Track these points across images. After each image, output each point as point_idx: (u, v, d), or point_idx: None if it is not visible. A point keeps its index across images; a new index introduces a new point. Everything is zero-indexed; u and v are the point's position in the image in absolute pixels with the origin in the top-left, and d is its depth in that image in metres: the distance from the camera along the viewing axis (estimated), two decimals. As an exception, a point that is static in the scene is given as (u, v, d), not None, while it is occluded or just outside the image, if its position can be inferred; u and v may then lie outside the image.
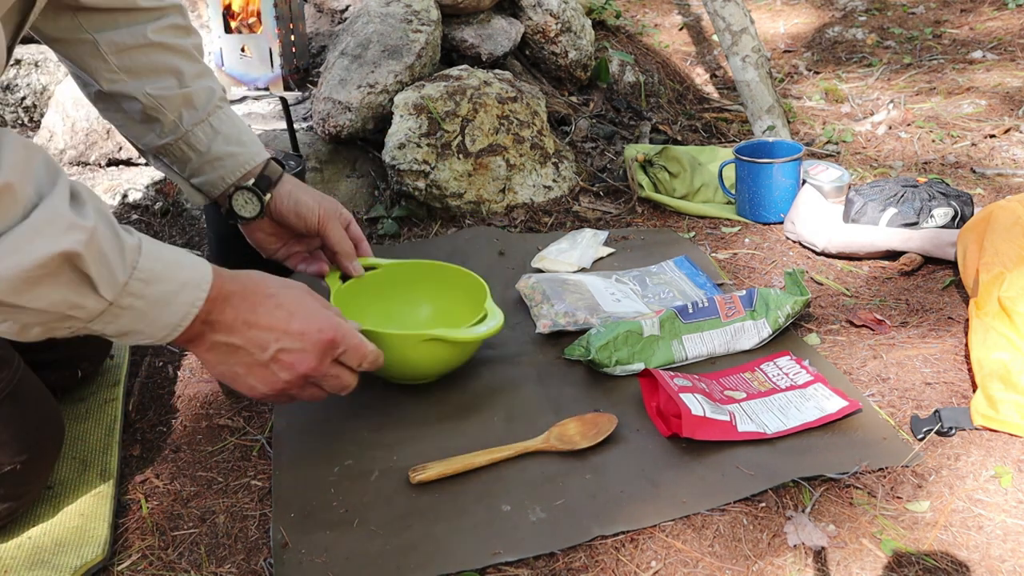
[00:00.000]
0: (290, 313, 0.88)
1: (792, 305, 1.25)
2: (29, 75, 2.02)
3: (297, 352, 0.89)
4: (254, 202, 1.12)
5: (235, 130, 1.13)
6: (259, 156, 1.13)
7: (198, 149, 1.11)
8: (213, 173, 1.12)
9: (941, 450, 1.03)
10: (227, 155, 1.11)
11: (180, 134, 1.10)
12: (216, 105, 1.12)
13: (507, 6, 2.10)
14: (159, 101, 1.08)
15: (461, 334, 1.11)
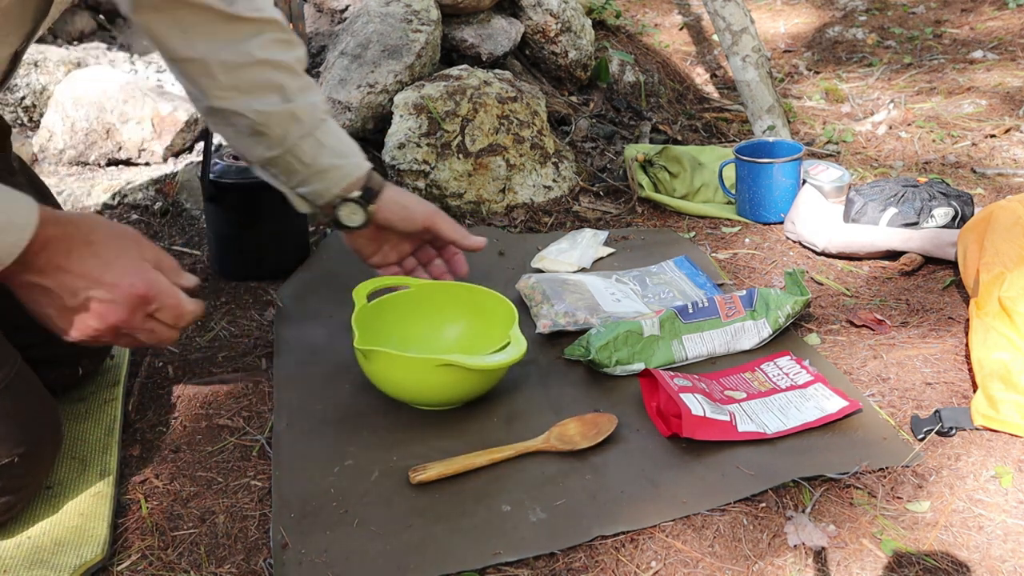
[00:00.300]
0: (105, 263, 0.87)
1: (792, 305, 1.25)
2: (28, 75, 2.02)
3: (107, 303, 0.88)
4: (360, 213, 1.19)
5: (339, 143, 1.19)
6: (361, 167, 1.19)
7: (304, 162, 1.17)
8: (319, 184, 1.19)
9: (941, 450, 1.03)
10: (332, 167, 1.18)
11: (287, 147, 1.16)
12: (320, 119, 1.17)
13: (507, 6, 2.10)
14: (266, 117, 1.14)
15: (477, 361, 1.08)
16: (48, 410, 0.99)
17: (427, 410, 1.13)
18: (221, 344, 1.31)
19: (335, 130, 1.20)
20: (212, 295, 1.45)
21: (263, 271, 1.49)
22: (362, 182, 1.19)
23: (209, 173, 1.45)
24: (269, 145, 1.17)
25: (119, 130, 1.89)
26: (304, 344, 1.29)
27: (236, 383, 1.22)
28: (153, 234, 1.67)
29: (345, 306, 1.22)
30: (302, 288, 1.44)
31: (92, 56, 2.16)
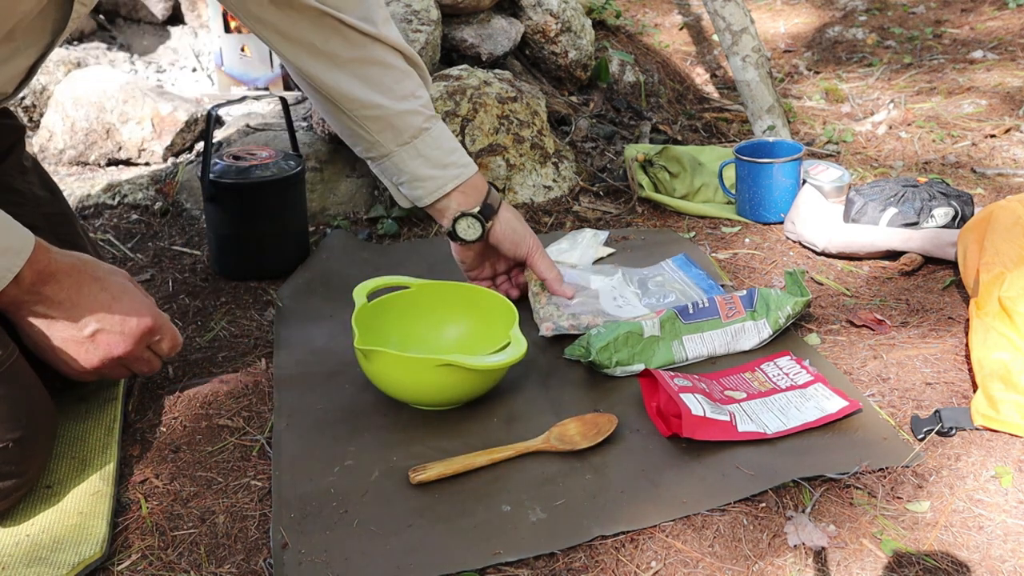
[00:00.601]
0: (113, 297, 0.93)
1: (793, 305, 1.25)
2: (29, 75, 2.01)
3: (115, 335, 0.94)
4: (476, 227, 1.24)
5: (439, 153, 1.23)
6: (460, 177, 1.23)
7: (400, 168, 1.23)
8: (417, 190, 1.25)
9: (941, 450, 1.03)
10: (428, 178, 1.23)
11: (384, 152, 1.23)
12: (422, 128, 1.22)
13: (507, 6, 2.10)
14: (363, 122, 1.20)
15: (477, 361, 1.08)
16: (43, 398, 1.00)
17: (427, 410, 1.13)
18: (221, 344, 1.31)
19: (438, 139, 1.23)
20: (212, 295, 1.45)
21: (263, 271, 1.49)
22: (478, 196, 1.24)
23: (209, 173, 1.45)
24: (367, 148, 1.24)
25: (119, 130, 1.89)
26: (304, 344, 1.29)
27: (236, 383, 1.22)
28: (153, 234, 1.67)
29: (345, 306, 1.22)
30: (302, 288, 1.44)
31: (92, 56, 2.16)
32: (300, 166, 1.50)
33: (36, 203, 1.17)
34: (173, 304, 1.43)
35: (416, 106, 1.22)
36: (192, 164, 1.83)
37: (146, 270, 1.54)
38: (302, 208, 1.54)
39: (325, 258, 1.53)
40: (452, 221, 1.24)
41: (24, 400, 0.96)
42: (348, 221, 1.70)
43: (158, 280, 1.51)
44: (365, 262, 1.52)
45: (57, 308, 0.90)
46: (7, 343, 0.96)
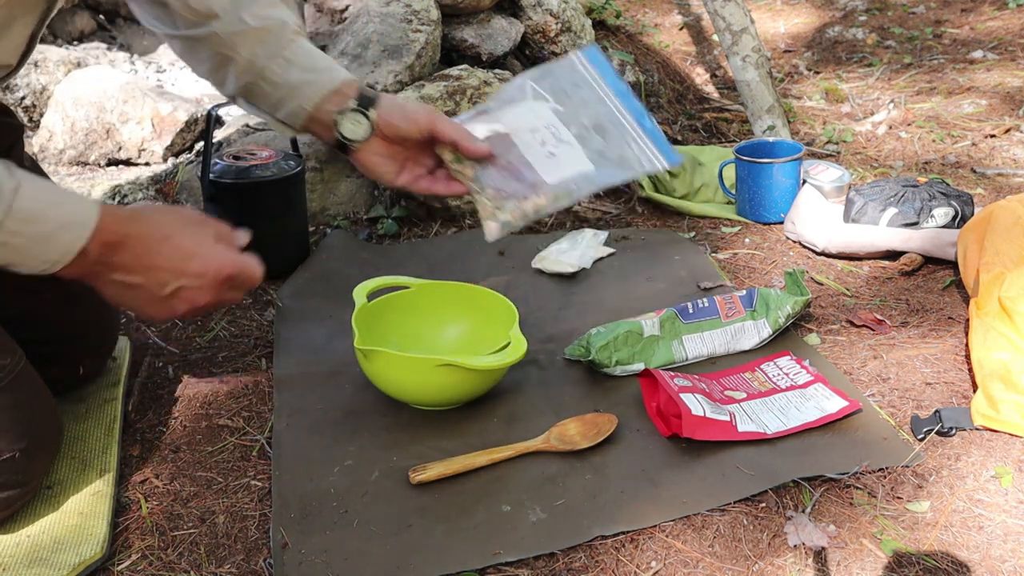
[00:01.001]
0: (189, 255, 0.91)
1: (792, 305, 1.25)
2: (29, 75, 2.02)
3: (195, 289, 0.93)
4: (362, 122, 1.10)
5: (310, 59, 1.12)
6: (335, 78, 1.11)
7: (274, 82, 1.11)
8: (292, 103, 1.12)
9: (941, 450, 1.03)
10: (303, 83, 1.11)
11: (256, 71, 1.11)
12: (289, 39, 1.11)
13: (507, 6, 2.10)
14: (233, 39, 1.09)
15: (476, 362, 1.08)
16: (48, 407, 1.00)
17: (427, 410, 1.13)
18: (221, 344, 1.31)
19: (308, 47, 1.13)
20: (212, 295, 1.45)
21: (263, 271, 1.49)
22: (353, 91, 1.11)
23: (209, 173, 1.45)
24: (239, 73, 1.11)
25: (119, 130, 1.89)
26: (304, 344, 1.29)
27: (236, 383, 1.22)
28: (153, 234, 1.67)
29: (345, 306, 1.22)
30: (302, 288, 1.44)
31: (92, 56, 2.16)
32: (300, 166, 1.50)
33: None
34: (173, 304, 1.43)
35: (281, 17, 1.12)
36: (192, 164, 1.83)
37: (146, 270, 1.54)
38: (302, 208, 1.54)
39: (325, 258, 1.53)
40: (334, 127, 1.10)
41: (29, 410, 0.96)
42: (348, 221, 1.70)
43: (158, 280, 1.51)
44: (365, 262, 1.52)
45: (133, 274, 0.90)
46: (14, 350, 0.96)
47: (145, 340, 1.33)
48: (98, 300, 1.15)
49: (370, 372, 1.11)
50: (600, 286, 1.44)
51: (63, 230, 0.85)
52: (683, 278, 1.45)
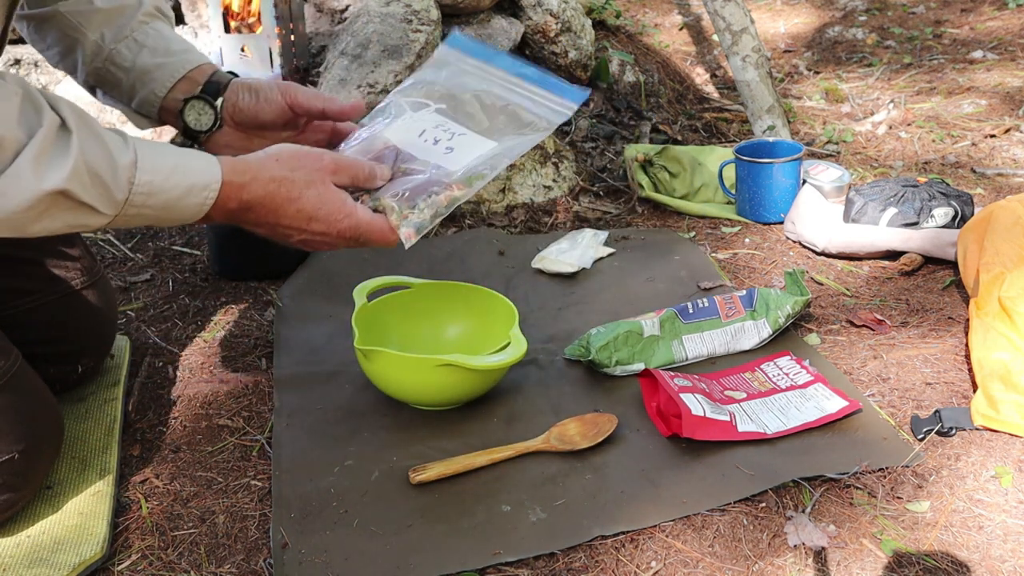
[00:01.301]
0: (310, 217, 0.91)
1: (792, 305, 1.25)
2: (29, 75, 2.02)
3: (319, 243, 0.95)
4: (207, 112, 1.04)
5: (163, 42, 1.05)
6: (191, 63, 1.04)
7: (123, 67, 1.04)
8: (144, 90, 1.05)
9: (941, 450, 1.03)
10: (154, 67, 1.04)
11: (104, 55, 1.04)
12: (141, 20, 1.05)
13: (507, 6, 2.10)
14: (78, 19, 1.03)
15: (477, 361, 1.08)
16: (48, 407, 0.99)
17: (427, 410, 1.13)
18: (221, 344, 1.31)
19: (162, 31, 1.06)
20: (212, 295, 1.45)
21: (263, 271, 1.49)
22: (203, 76, 1.04)
23: (209, 173, 1.44)
24: (85, 57, 1.04)
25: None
26: (304, 344, 1.29)
27: (236, 383, 1.22)
28: (153, 234, 1.67)
29: (345, 306, 1.22)
30: (302, 288, 1.44)
31: (92, 56, 2.16)
32: (300, 166, 1.50)
33: None
34: (173, 304, 1.43)
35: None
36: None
37: (146, 270, 1.54)
38: (302, 208, 1.53)
39: (325, 258, 1.53)
40: (180, 116, 1.04)
41: (28, 411, 0.96)
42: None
43: (158, 280, 1.51)
44: (365, 262, 1.52)
45: (259, 228, 0.92)
46: (8, 352, 0.96)
47: (145, 340, 1.33)
48: (95, 299, 1.15)
49: (370, 372, 1.11)
50: (600, 286, 1.44)
51: (188, 194, 0.85)
52: (683, 278, 1.45)
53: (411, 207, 0.95)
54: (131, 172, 0.82)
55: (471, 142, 1.00)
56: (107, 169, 0.80)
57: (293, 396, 1.17)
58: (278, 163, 0.90)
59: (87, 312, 1.14)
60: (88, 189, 0.80)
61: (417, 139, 1.01)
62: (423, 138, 1.01)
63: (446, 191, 0.95)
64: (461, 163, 0.97)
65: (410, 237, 0.95)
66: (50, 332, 1.11)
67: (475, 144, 1.00)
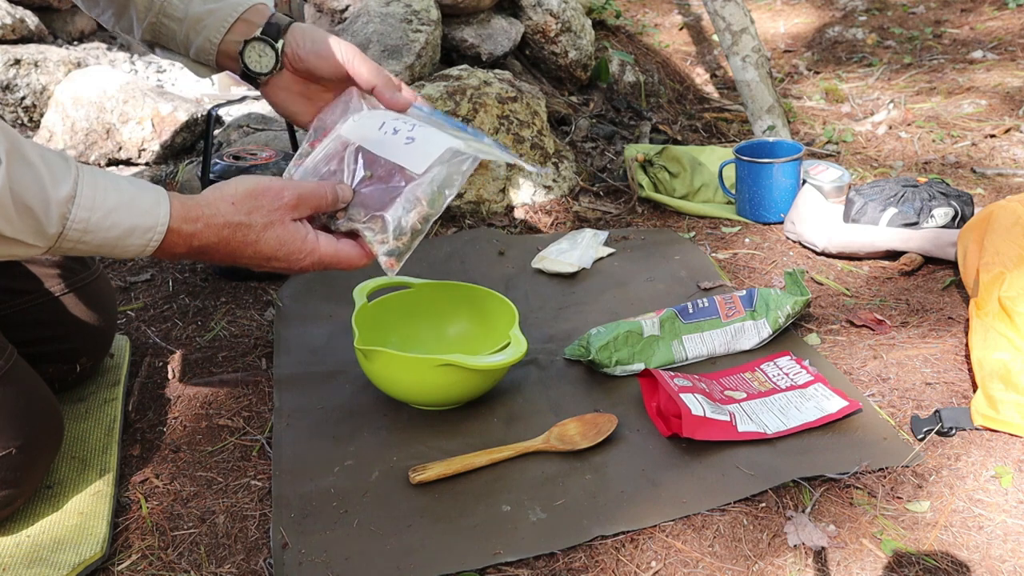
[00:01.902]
0: (269, 257, 0.90)
1: (792, 305, 1.25)
2: (29, 75, 2.02)
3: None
4: (268, 53, 1.02)
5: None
6: (244, 3, 1.02)
7: (176, 17, 1.03)
8: (199, 37, 1.03)
9: (941, 450, 1.03)
10: (206, 13, 1.02)
11: (156, 9, 1.03)
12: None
13: (507, 6, 2.10)
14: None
15: (477, 361, 1.08)
16: (46, 403, 0.99)
17: (427, 410, 1.13)
18: (221, 344, 1.31)
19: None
20: (212, 295, 1.45)
21: (263, 271, 1.49)
22: (260, 18, 1.02)
23: (209, 173, 1.44)
24: (140, 14, 1.03)
25: (119, 130, 1.89)
26: (304, 344, 1.29)
27: (236, 383, 1.22)
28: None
29: (345, 306, 1.22)
30: (302, 288, 1.44)
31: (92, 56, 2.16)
32: (300, 166, 1.50)
33: None
34: (173, 304, 1.43)
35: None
36: (192, 164, 1.83)
37: (146, 270, 1.54)
38: (302, 208, 1.53)
39: (325, 258, 1.53)
40: (240, 58, 1.02)
41: (25, 406, 0.96)
42: (348, 221, 1.70)
43: (158, 280, 1.51)
44: (365, 262, 1.52)
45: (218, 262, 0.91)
46: (4, 347, 0.95)
47: (145, 340, 1.33)
48: (94, 298, 1.15)
49: (370, 372, 1.11)
50: (600, 286, 1.44)
51: (127, 238, 0.82)
52: (683, 278, 1.45)
53: (385, 231, 0.92)
54: (67, 207, 0.78)
55: (432, 135, 0.95)
56: (39, 202, 0.76)
57: (293, 396, 1.17)
58: (234, 207, 0.87)
59: (85, 311, 1.14)
60: (13, 222, 0.75)
61: (377, 132, 0.97)
62: (383, 130, 0.97)
63: (416, 209, 0.92)
64: (424, 162, 0.93)
65: (392, 266, 0.92)
66: (48, 331, 1.11)
67: (437, 139, 0.95)
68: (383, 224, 0.92)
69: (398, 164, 0.93)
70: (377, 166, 0.94)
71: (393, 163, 0.93)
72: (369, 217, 0.92)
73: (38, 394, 0.98)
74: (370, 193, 0.93)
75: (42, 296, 1.10)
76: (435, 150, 0.93)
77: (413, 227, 0.92)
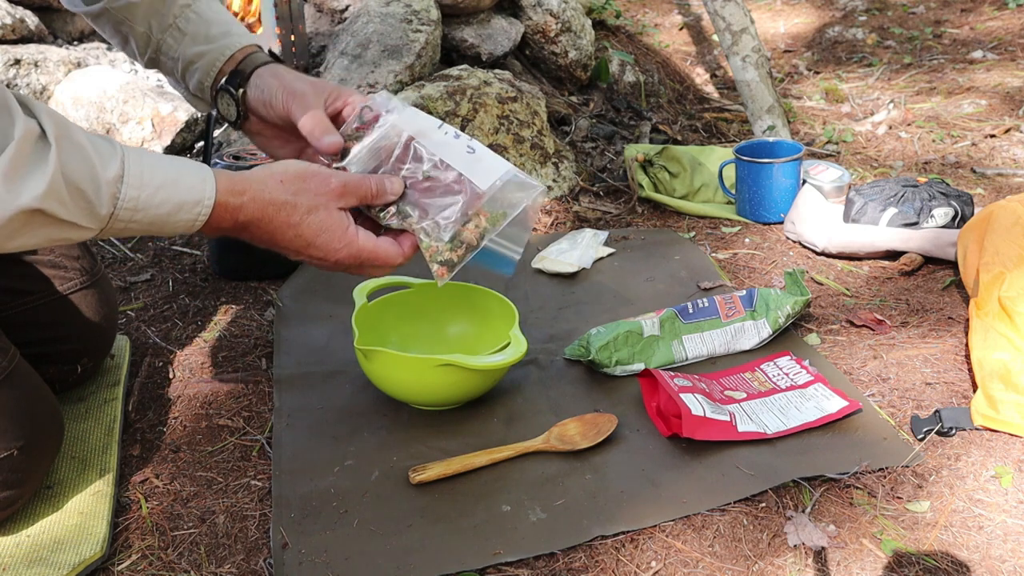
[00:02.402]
0: (308, 243, 0.90)
1: (792, 305, 1.25)
2: (29, 75, 2.02)
3: (316, 264, 0.93)
4: (230, 103, 1.02)
5: (203, 27, 1.03)
6: (230, 47, 1.02)
7: (172, 56, 1.04)
8: (193, 79, 1.04)
9: (941, 450, 1.03)
10: (197, 56, 1.02)
11: (154, 45, 1.04)
12: (183, 5, 1.03)
13: (507, 6, 2.10)
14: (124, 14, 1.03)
15: (478, 361, 1.08)
16: (47, 404, 0.99)
17: (427, 410, 1.13)
18: (221, 344, 1.31)
19: (203, 13, 1.03)
20: (212, 295, 1.45)
21: (263, 271, 1.49)
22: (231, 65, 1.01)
23: (209, 173, 1.44)
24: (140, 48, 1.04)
25: (119, 130, 1.89)
26: (304, 344, 1.29)
27: (236, 383, 1.22)
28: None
29: (345, 306, 1.22)
30: (302, 288, 1.44)
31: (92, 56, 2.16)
32: (300, 166, 1.50)
33: None
34: (173, 304, 1.43)
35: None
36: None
37: (146, 270, 1.54)
38: (302, 208, 1.53)
39: (325, 258, 1.53)
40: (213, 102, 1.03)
41: (27, 408, 0.95)
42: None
43: (158, 280, 1.51)
44: (365, 262, 1.52)
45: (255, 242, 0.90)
46: (7, 348, 0.95)
47: (145, 340, 1.33)
48: (95, 299, 1.15)
49: (370, 372, 1.11)
50: (600, 286, 1.44)
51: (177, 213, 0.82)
52: (683, 278, 1.45)
53: (440, 239, 0.91)
54: (116, 187, 0.78)
55: (488, 151, 0.94)
56: (89, 183, 0.77)
57: (293, 396, 1.17)
58: (281, 184, 0.87)
59: (87, 312, 1.14)
60: (68, 205, 0.76)
61: (437, 131, 0.94)
62: (443, 131, 0.95)
63: (475, 222, 0.92)
64: (486, 178, 0.91)
65: (443, 275, 0.93)
66: (49, 332, 1.11)
67: (495, 158, 0.94)
68: (439, 231, 0.92)
69: (462, 173, 0.92)
70: (438, 168, 0.92)
71: (456, 170, 0.92)
72: (427, 221, 0.92)
73: (39, 395, 0.98)
74: (430, 196, 0.92)
75: (44, 297, 1.10)
76: (498, 168, 0.92)
77: (469, 242, 0.92)
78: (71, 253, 1.14)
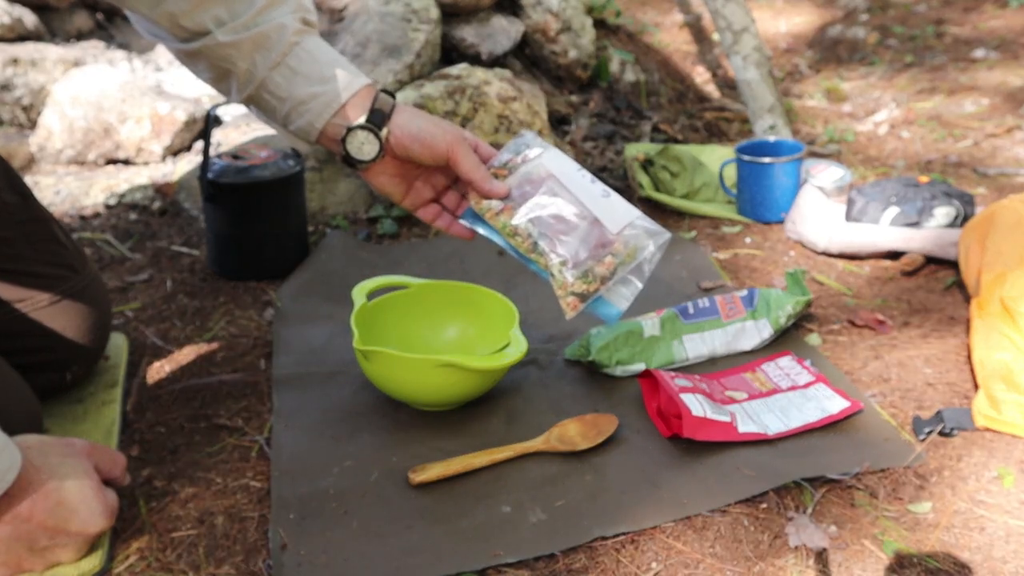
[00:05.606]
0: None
1: (793, 305, 1.25)
2: (26, 74, 2.01)
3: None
4: (372, 141, 1.00)
5: (316, 67, 1.01)
6: (349, 89, 1.00)
7: (278, 95, 1.01)
8: (301, 119, 1.01)
9: (943, 451, 1.03)
10: (309, 97, 1.00)
11: (257, 83, 1.01)
12: (291, 42, 1.00)
13: (507, 5, 2.10)
14: (227, 51, 1.00)
15: (477, 362, 1.08)
16: (25, 400, 0.98)
17: (427, 410, 1.13)
18: (220, 344, 1.31)
19: (313, 52, 1.01)
20: (211, 295, 1.45)
21: (262, 271, 1.49)
22: (366, 102, 1.00)
23: (208, 173, 1.44)
24: (241, 85, 1.02)
25: (117, 129, 1.89)
26: (304, 344, 1.28)
27: (236, 383, 1.21)
28: (152, 234, 1.67)
29: (345, 306, 1.22)
30: (302, 288, 1.44)
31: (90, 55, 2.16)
32: (299, 166, 1.50)
33: (6, 211, 1.09)
34: (172, 304, 1.42)
35: (279, 20, 1.00)
36: (191, 164, 1.83)
37: (144, 270, 1.54)
38: (301, 208, 1.53)
39: (324, 258, 1.52)
40: (342, 142, 1.01)
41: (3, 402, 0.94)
42: (347, 221, 1.70)
43: (157, 280, 1.50)
44: (365, 262, 1.52)
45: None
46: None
47: (143, 340, 1.32)
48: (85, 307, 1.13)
49: (370, 372, 1.11)
50: (600, 286, 1.44)
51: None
52: (683, 278, 1.44)
53: (573, 273, 0.98)
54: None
55: (619, 198, 1.01)
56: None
57: (292, 396, 1.17)
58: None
59: (76, 319, 1.12)
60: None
61: (575, 173, 1.01)
62: (581, 173, 1.01)
63: (607, 259, 0.99)
64: (617, 222, 0.99)
65: (575, 307, 0.99)
66: (37, 341, 1.09)
67: (625, 204, 1.01)
68: (572, 265, 0.98)
69: (597, 216, 0.99)
70: (574, 206, 0.99)
71: (592, 213, 0.99)
72: (561, 256, 0.98)
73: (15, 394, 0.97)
74: (566, 233, 0.99)
75: (30, 306, 1.08)
76: (629, 213, 1.01)
77: (603, 275, 0.99)
78: (60, 260, 1.12)
